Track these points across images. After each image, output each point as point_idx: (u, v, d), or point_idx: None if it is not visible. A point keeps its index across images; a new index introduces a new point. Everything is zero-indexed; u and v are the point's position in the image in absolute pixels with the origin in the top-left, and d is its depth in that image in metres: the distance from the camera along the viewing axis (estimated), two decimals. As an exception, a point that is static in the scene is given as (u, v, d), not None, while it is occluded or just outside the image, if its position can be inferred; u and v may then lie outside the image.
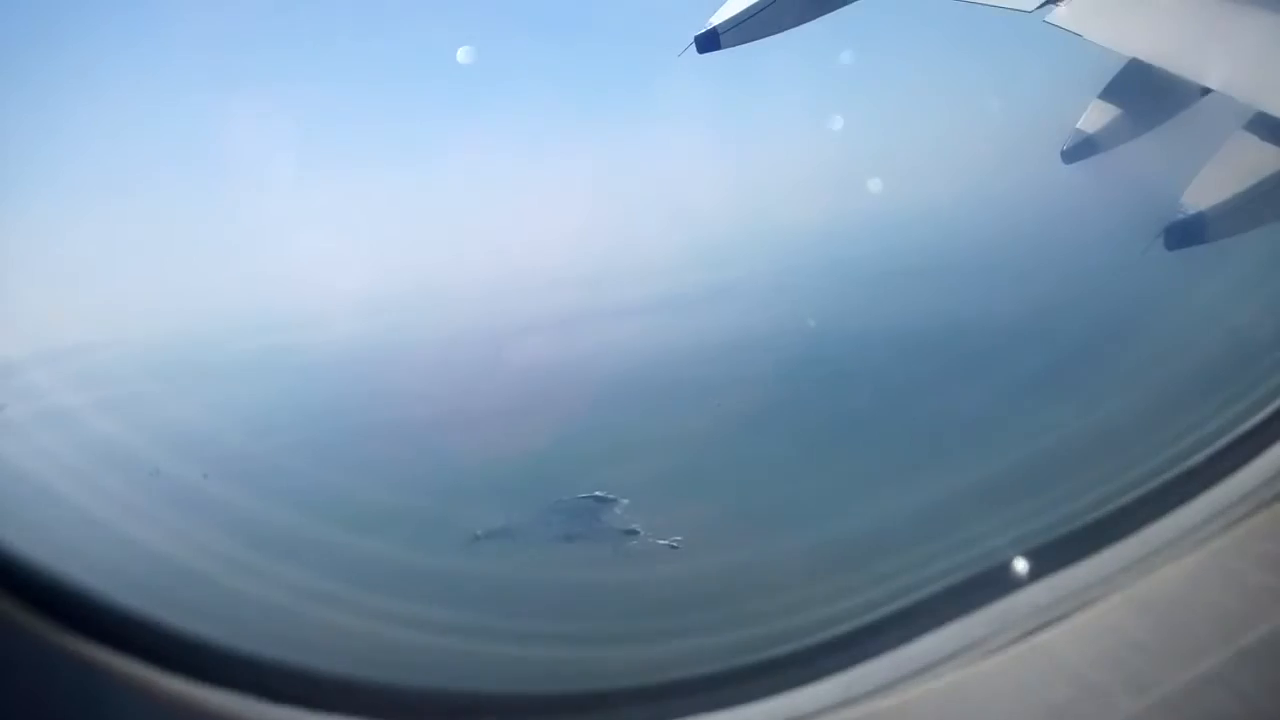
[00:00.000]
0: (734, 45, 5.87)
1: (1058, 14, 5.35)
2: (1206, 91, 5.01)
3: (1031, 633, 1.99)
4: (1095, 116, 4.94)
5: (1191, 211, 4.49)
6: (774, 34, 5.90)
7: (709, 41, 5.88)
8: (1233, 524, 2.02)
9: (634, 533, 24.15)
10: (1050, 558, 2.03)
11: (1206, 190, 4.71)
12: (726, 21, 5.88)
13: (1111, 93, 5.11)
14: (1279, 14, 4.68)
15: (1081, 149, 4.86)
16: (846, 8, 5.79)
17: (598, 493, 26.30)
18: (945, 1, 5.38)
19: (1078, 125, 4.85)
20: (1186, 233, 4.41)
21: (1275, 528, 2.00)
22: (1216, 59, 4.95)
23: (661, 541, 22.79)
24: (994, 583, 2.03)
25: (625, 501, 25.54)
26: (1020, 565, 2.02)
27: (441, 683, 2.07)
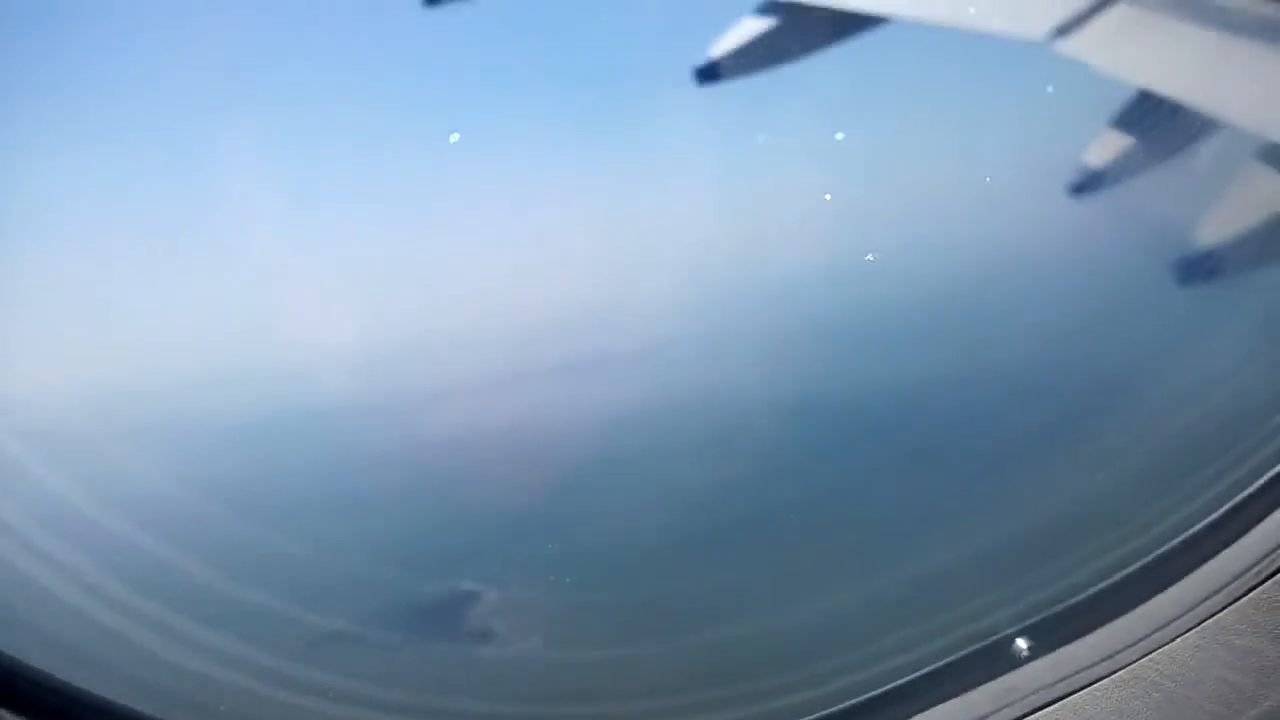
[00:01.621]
0: (735, 77, 5.84)
1: (1068, 43, 5.29)
2: (1220, 123, 4.93)
3: (1031, 712, 1.93)
4: (1104, 149, 4.86)
5: (1204, 246, 4.40)
6: (776, 66, 5.86)
7: (709, 73, 5.85)
8: (1239, 596, 1.95)
9: (489, 635, 22.93)
10: (1050, 634, 1.97)
11: (1219, 224, 4.62)
12: (728, 53, 5.85)
13: (1121, 124, 5.03)
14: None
15: (1090, 182, 4.77)
16: (851, 40, 5.75)
17: (466, 584, 25.34)
18: (953, 32, 5.32)
19: (1086, 158, 4.76)
20: (1198, 268, 4.31)
21: None
22: (1231, 91, 4.87)
23: (513, 648, 21.87)
24: (991, 660, 1.97)
25: (493, 595, 24.45)
26: (1019, 642, 1.95)
27: None
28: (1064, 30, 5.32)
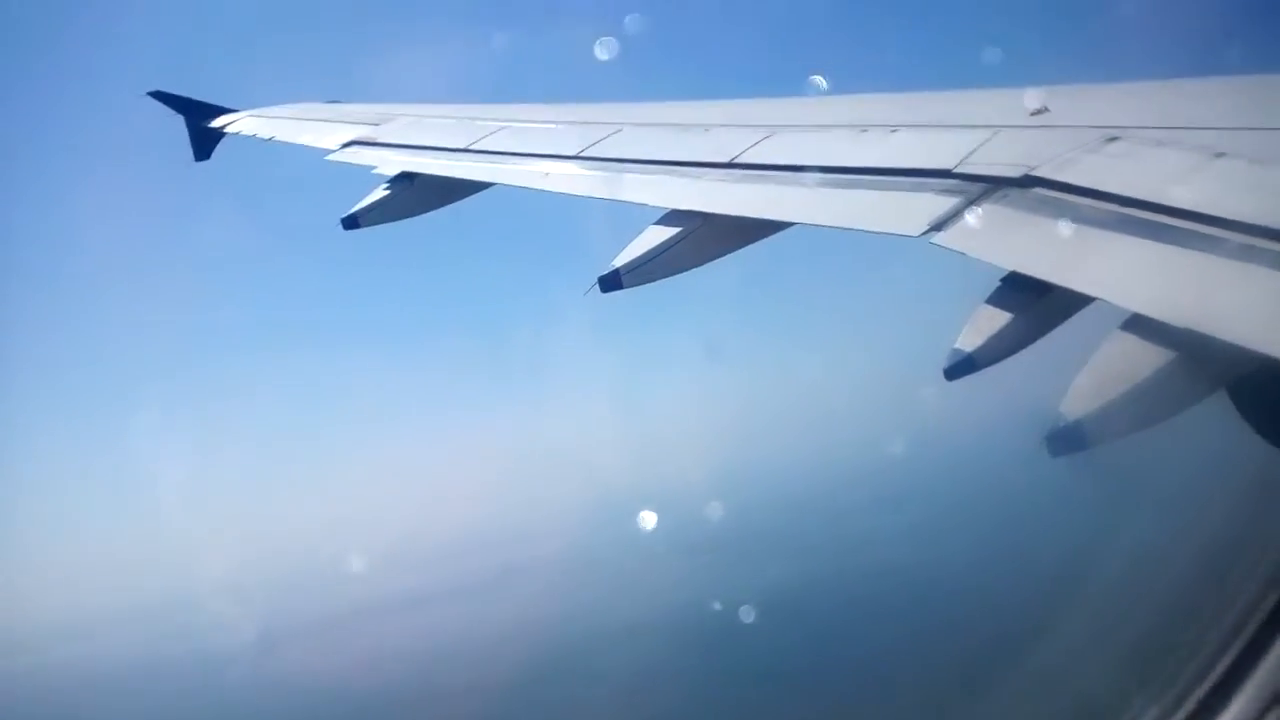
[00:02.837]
0: (636, 285, 6.36)
1: (942, 236, 5.82)
2: (1088, 299, 5.34)
3: None
4: (976, 332, 5.22)
5: (1072, 418, 4.65)
6: (675, 274, 6.40)
7: (612, 282, 6.37)
8: None
9: None
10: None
11: (1089, 395, 4.88)
12: (629, 262, 6.39)
13: (992, 304, 5.43)
14: (1159, 232, 5.06)
15: (963, 366, 5.10)
16: (749, 245, 6.30)
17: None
18: (836, 233, 5.86)
19: (957, 344, 5.11)
20: (1068, 440, 4.55)
21: None
22: (1097, 269, 5.31)
23: None
24: None
25: None
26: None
27: None
28: (939, 226, 5.88)
